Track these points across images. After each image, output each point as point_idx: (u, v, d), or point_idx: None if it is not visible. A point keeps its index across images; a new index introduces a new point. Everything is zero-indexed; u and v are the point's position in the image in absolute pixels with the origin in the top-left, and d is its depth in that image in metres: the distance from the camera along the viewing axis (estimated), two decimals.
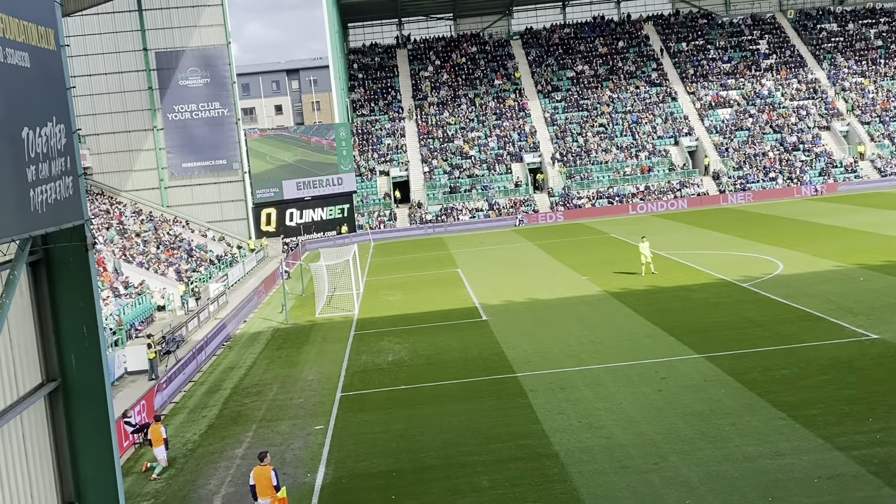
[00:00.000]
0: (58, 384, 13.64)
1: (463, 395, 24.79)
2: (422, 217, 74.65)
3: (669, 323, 30.98)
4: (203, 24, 64.40)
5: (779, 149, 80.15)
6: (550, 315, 34.49)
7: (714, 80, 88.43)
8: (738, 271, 40.07)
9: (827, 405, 20.82)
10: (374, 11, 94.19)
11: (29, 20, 11.41)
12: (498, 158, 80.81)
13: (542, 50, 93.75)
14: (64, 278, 13.54)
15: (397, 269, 52.66)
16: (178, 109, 64.96)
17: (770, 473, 17.26)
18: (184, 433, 23.90)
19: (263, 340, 35.66)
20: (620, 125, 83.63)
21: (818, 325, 28.83)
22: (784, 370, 24.03)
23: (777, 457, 18.03)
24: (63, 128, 12.20)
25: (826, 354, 25.15)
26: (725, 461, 18.07)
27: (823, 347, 25.98)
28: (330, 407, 24.83)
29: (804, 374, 23.54)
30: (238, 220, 66.86)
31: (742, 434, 19.49)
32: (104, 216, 56.49)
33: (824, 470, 17.14)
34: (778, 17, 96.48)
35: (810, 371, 23.70)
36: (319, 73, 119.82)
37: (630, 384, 24.10)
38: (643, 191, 76.19)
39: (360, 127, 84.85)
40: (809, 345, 26.43)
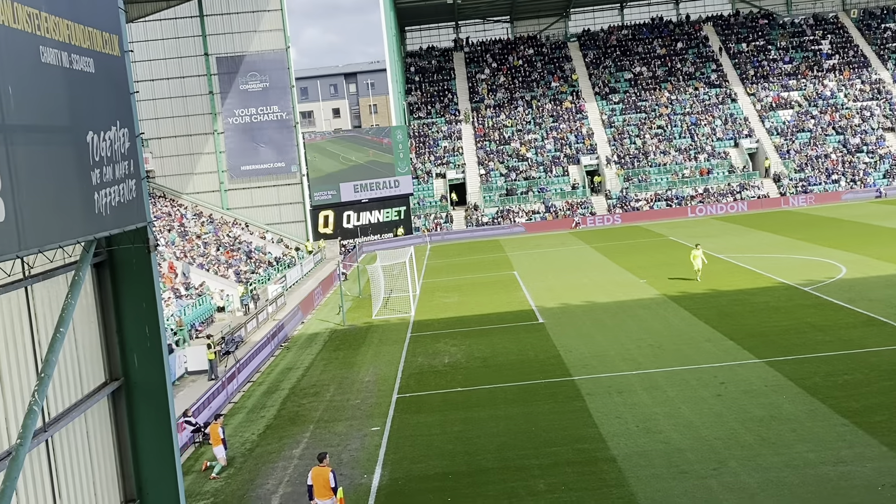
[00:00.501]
0: (120, 383, 13.91)
1: (519, 398, 24.73)
2: (478, 219, 74.65)
3: (729, 327, 30.57)
4: (263, 29, 65.20)
5: (841, 150, 78.60)
6: (608, 318, 34.25)
7: (775, 81, 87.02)
8: (800, 275, 39.39)
9: (891, 411, 20.36)
10: (431, 15, 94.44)
11: (94, 26, 11.65)
12: (555, 160, 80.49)
13: (599, 51, 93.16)
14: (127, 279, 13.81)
15: (453, 272, 52.72)
16: (237, 113, 65.86)
17: (832, 481, 16.94)
18: (242, 433, 24.20)
19: (321, 342, 35.96)
20: (679, 127, 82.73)
21: (882, 329, 28.22)
22: (847, 375, 23.56)
23: (839, 464, 17.69)
24: (127, 132, 12.44)
25: (890, 360, 24.60)
26: (786, 468, 17.77)
27: (887, 353, 25.41)
28: (386, 408, 24.95)
29: (867, 379, 23.05)
30: (296, 222, 67.53)
31: (803, 440, 19.15)
32: (166, 218, 57.48)
33: (888, 478, 16.77)
34: (841, 16, 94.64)
35: (874, 377, 23.21)
36: (377, 77, 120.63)
37: (689, 388, 23.83)
38: (702, 193, 75.28)
39: (417, 129, 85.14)
40: (873, 350, 25.88)
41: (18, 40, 9.51)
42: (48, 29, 10.22)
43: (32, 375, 11.92)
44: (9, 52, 9.23)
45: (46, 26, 10.18)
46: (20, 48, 9.55)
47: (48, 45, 10.19)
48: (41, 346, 12.19)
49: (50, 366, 10.85)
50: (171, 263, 46.59)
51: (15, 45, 9.41)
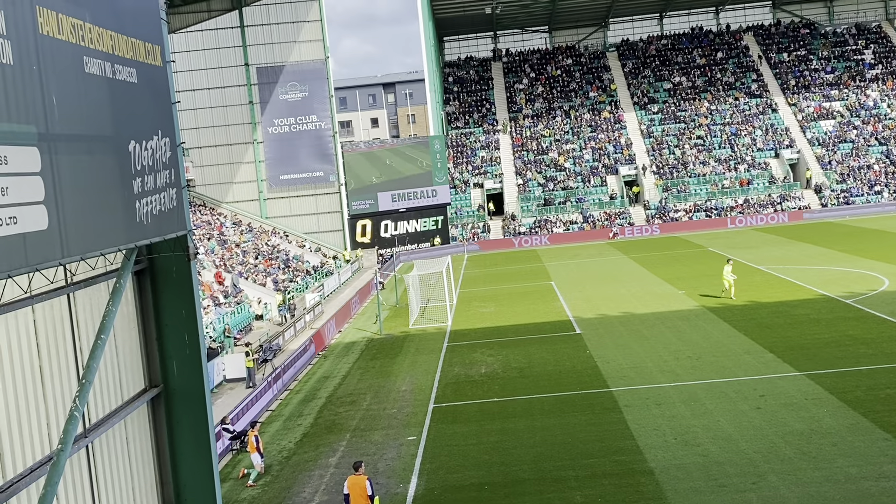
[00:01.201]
0: (160, 390, 14.06)
1: (556, 409, 24.63)
2: (515, 229, 74.54)
3: (769, 339, 30.22)
4: (302, 39, 65.72)
5: (884, 161, 77.49)
6: (646, 329, 34.01)
7: (816, 91, 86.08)
8: (841, 287, 38.86)
9: None
10: (470, 25, 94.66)
11: (137, 37, 11.82)
12: (593, 171, 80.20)
13: (638, 61, 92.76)
14: (167, 287, 13.96)
15: (490, 281, 52.66)
16: (277, 123, 66.38)
17: (873, 496, 16.66)
18: (279, 441, 24.33)
19: (357, 350, 36.07)
20: (718, 137, 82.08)
21: None
22: (889, 389, 23.18)
23: (881, 479, 17.39)
24: (168, 141, 12.59)
25: None
26: (827, 482, 17.51)
27: None
28: (423, 418, 24.96)
29: None
30: (334, 231, 67.87)
31: (844, 454, 18.86)
32: (205, 227, 58.03)
33: None
34: (884, 25, 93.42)
35: None
36: (415, 87, 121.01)
37: (728, 401, 23.58)
38: (742, 204, 74.57)
39: (455, 139, 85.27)
40: None
41: (63, 51, 9.67)
42: (92, 40, 10.39)
43: (74, 381, 12.08)
44: (54, 63, 9.40)
45: (90, 37, 10.35)
46: (65, 59, 9.71)
47: (92, 55, 10.36)
48: (82, 353, 12.35)
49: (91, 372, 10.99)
50: (219, 274, 47.00)
51: (60, 56, 9.58)
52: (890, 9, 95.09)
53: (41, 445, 11.26)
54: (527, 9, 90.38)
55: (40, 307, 11.47)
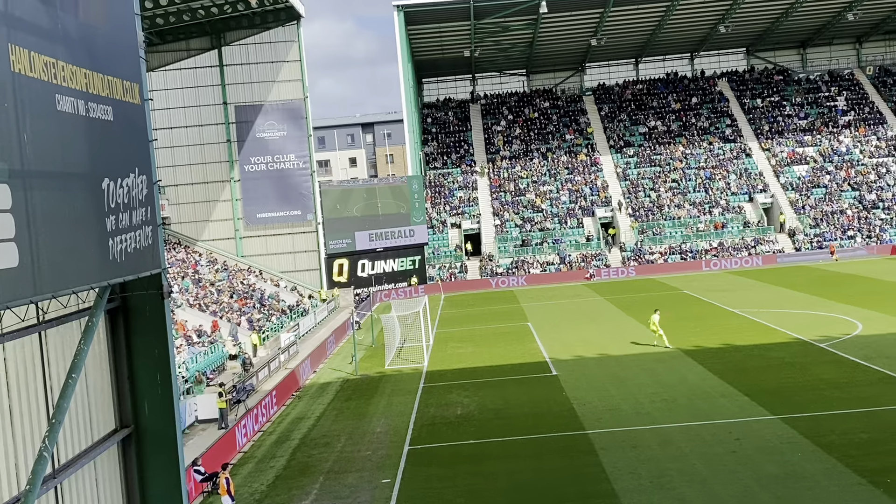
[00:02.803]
0: (131, 430, 13.85)
1: (532, 452, 24.48)
2: (493, 270, 74.63)
3: (744, 382, 30.27)
4: (281, 79, 65.93)
5: (857, 206, 78.46)
6: (622, 371, 34.00)
7: (790, 137, 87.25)
8: (816, 331, 39.08)
9: None
10: (449, 67, 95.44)
11: (114, 75, 11.81)
12: (570, 212, 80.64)
13: (614, 105, 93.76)
14: (140, 326, 13.83)
15: (467, 322, 52.58)
16: (254, 161, 66.31)
17: None
18: (251, 483, 24.01)
19: (332, 391, 35.79)
20: (693, 181, 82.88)
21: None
22: (863, 434, 23.24)
23: None
24: (145, 179, 12.54)
25: None
26: None
27: None
28: (397, 460, 24.73)
29: (884, 438, 22.73)
30: (311, 270, 67.59)
31: (820, 500, 18.84)
32: (180, 265, 57.70)
33: None
34: (856, 73, 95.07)
35: (891, 435, 22.88)
36: (393, 127, 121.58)
37: (703, 444, 23.54)
38: (716, 247, 75.13)
39: (433, 179, 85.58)
40: (890, 408, 25.55)
41: (34, 88, 9.64)
42: (65, 77, 10.36)
43: (43, 421, 11.89)
44: (24, 101, 9.36)
45: (63, 75, 10.32)
46: (36, 96, 9.68)
47: (65, 93, 10.33)
48: (53, 392, 12.17)
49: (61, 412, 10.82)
50: (215, 322, 46.67)
51: (30, 94, 9.55)
52: (862, 56, 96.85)
53: (9, 486, 11.05)
54: (505, 52, 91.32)
55: (11, 345, 11.31)
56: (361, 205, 71.21)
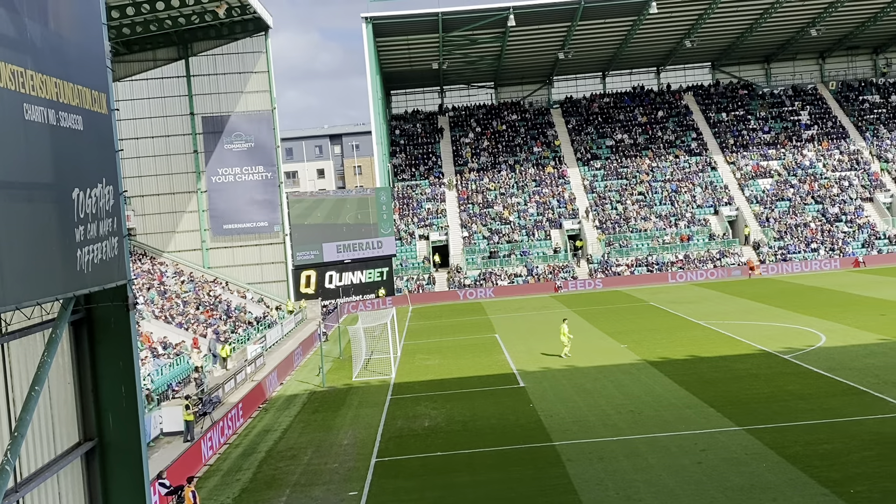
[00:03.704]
0: (95, 443, 13.70)
1: (499, 464, 24.50)
2: (461, 282, 74.70)
3: (710, 394, 30.52)
4: (249, 90, 65.71)
5: (820, 220, 79.48)
6: (589, 383, 34.14)
7: (754, 150, 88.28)
8: (780, 342, 39.50)
9: (872, 482, 20.28)
10: (417, 80, 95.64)
11: (83, 84, 11.73)
12: (537, 224, 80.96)
13: (581, 118, 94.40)
14: (105, 338, 13.68)
15: (435, 334, 52.56)
16: (221, 172, 65.97)
17: None
18: (217, 496, 23.80)
19: (299, 403, 35.60)
20: (659, 193, 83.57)
21: (861, 399, 28.25)
22: (827, 445, 23.50)
23: None
24: (111, 189, 12.46)
25: (870, 429, 24.58)
26: None
27: (867, 422, 25.41)
28: (365, 472, 24.64)
29: (848, 449, 23.00)
30: (278, 281, 67.29)
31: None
32: (146, 276, 57.21)
33: None
34: (820, 88, 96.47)
35: (854, 446, 23.16)
36: (361, 139, 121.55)
37: (669, 456, 23.69)
38: (682, 259, 75.75)
39: (401, 191, 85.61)
40: (853, 419, 25.87)
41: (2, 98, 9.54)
42: (34, 87, 10.27)
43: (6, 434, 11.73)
44: None
45: (32, 84, 10.23)
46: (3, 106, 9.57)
47: (33, 102, 10.23)
48: (15, 405, 12.02)
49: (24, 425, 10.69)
50: (195, 339, 46.22)
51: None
52: (825, 72, 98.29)
53: None
54: (473, 65, 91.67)
55: None
56: (329, 216, 71.03)
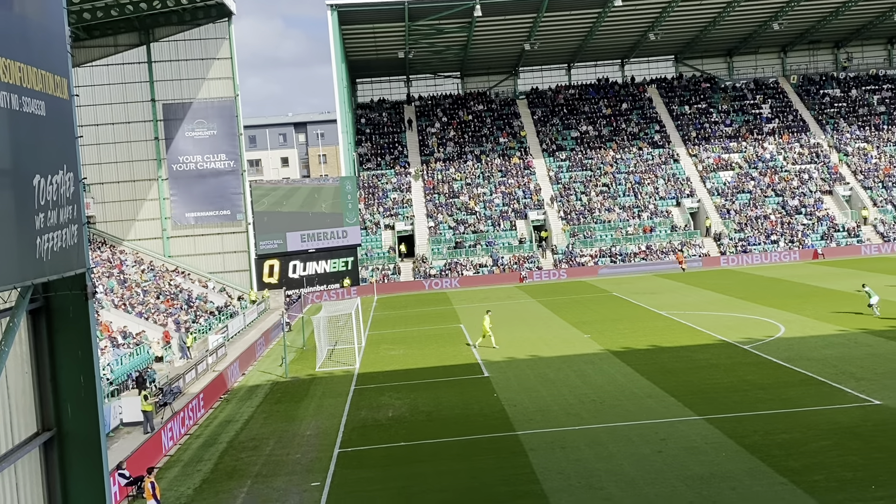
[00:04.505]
0: (53, 434, 13.53)
1: (463, 453, 24.55)
2: (426, 272, 74.69)
3: (671, 383, 30.79)
4: (211, 76, 65.09)
5: (780, 212, 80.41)
6: (552, 373, 34.30)
7: (716, 143, 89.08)
8: (740, 333, 39.94)
9: (829, 471, 20.58)
10: (383, 68, 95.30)
11: (45, 69, 11.54)
12: (503, 215, 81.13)
13: (547, 110, 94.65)
14: (63, 327, 13.50)
15: (400, 324, 52.52)
16: (183, 160, 65.35)
17: None
18: (177, 487, 23.62)
19: (262, 394, 35.42)
20: (623, 185, 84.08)
21: (820, 389, 28.65)
22: (785, 434, 23.81)
23: None
24: (72, 176, 12.29)
25: (828, 419, 24.94)
26: None
27: (826, 412, 25.78)
28: (327, 463, 24.57)
29: (806, 438, 23.32)
30: (240, 271, 66.85)
31: (743, 498, 19.25)
32: (105, 265, 56.56)
33: None
34: (781, 81, 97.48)
35: (812, 436, 23.49)
36: (326, 127, 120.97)
37: (630, 444, 23.88)
38: (645, 250, 76.31)
39: (367, 181, 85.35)
40: (811, 409, 26.23)
41: None
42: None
43: None
44: None
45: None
46: None
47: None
48: None
49: None
50: (167, 333, 45.76)
51: None
52: (786, 65, 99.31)
53: None
54: (439, 55, 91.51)
55: None
56: (293, 205, 70.63)
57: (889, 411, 25.35)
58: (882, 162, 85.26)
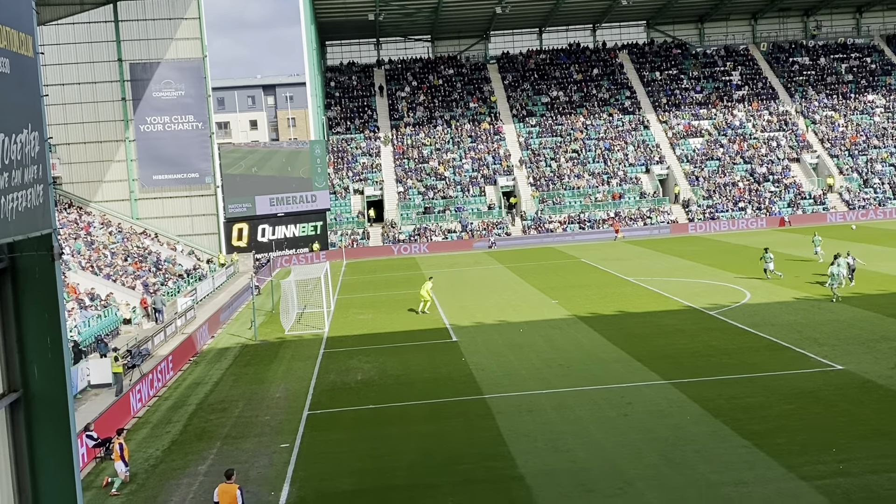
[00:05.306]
0: (19, 395, 13.46)
1: (431, 416, 24.74)
2: (395, 237, 74.64)
3: (637, 348, 31.12)
4: (179, 37, 64.17)
5: (748, 179, 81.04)
6: (520, 337, 34.53)
7: (686, 110, 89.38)
8: (706, 299, 40.37)
9: (791, 434, 20.97)
10: (353, 31, 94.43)
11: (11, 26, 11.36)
12: (472, 181, 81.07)
13: (517, 74, 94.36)
14: (29, 288, 13.38)
15: (369, 288, 52.56)
16: (150, 121, 64.56)
17: (733, 501, 17.35)
18: (146, 448, 23.63)
19: (231, 357, 35.39)
20: (593, 151, 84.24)
21: (784, 354, 29.09)
22: (749, 398, 24.19)
23: (741, 485, 18.12)
24: (37, 135, 12.13)
25: (791, 384, 25.36)
26: (689, 488, 18.14)
27: (789, 377, 26.20)
28: (296, 425, 24.67)
29: (769, 402, 23.71)
30: (209, 234, 66.40)
31: (706, 461, 19.58)
32: (72, 227, 55.98)
33: (787, 499, 17.25)
34: (751, 49, 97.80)
35: (775, 400, 23.88)
36: (296, 90, 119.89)
37: (597, 408, 24.16)
38: (613, 217, 76.67)
39: (336, 144, 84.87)
40: (775, 374, 26.65)
41: None
42: None
43: None
44: None
45: None
46: None
47: None
48: None
49: None
50: (143, 300, 45.35)
51: None
52: (757, 32, 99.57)
53: None
54: (410, 17, 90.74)
55: None
56: (262, 169, 70.15)
57: (850, 376, 25.82)
58: (849, 130, 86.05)
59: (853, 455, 19.31)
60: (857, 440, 20.30)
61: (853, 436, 20.60)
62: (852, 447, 19.82)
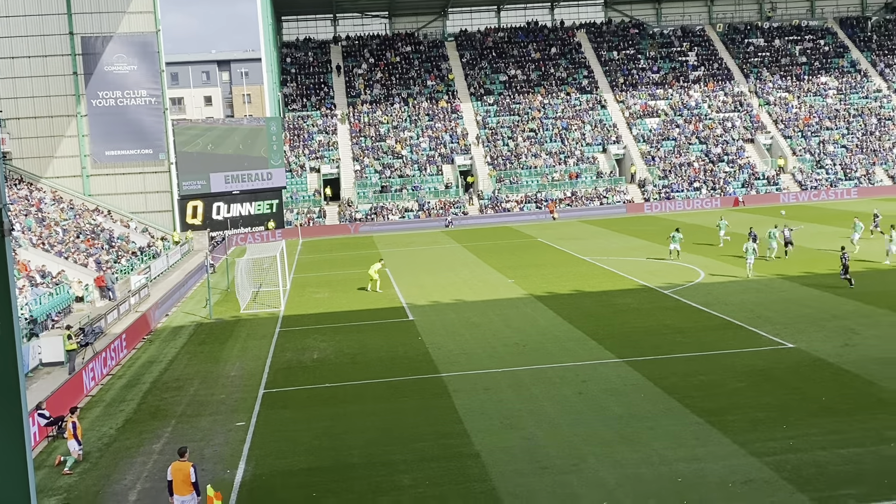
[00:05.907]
0: None
1: (387, 395, 24.77)
2: (352, 215, 74.34)
3: (592, 327, 31.38)
4: (132, 10, 63.07)
5: (704, 159, 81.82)
6: (476, 316, 34.64)
7: (643, 90, 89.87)
8: (661, 278, 40.78)
9: (743, 412, 21.31)
10: (309, 6, 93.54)
11: None
12: (429, 159, 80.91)
13: (475, 52, 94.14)
14: None
15: (325, 267, 52.35)
16: (102, 96, 63.48)
17: (686, 477, 17.60)
18: (100, 427, 23.39)
19: (186, 335, 35.10)
20: (550, 131, 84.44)
21: (737, 333, 29.51)
22: (702, 376, 24.53)
23: (693, 461, 18.39)
24: None
25: (744, 362, 25.75)
26: (643, 464, 18.37)
27: (741, 355, 26.60)
28: (252, 403, 24.57)
29: (722, 380, 24.06)
30: (163, 211, 65.59)
31: (659, 438, 19.83)
32: (22, 203, 54.99)
33: (739, 475, 17.54)
34: (707, 29, 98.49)
35: (728, 378, 24.24)
36: (251, 66, 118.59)
37: (552, 386, 24.35)
38: (570, 196, 77.02)
39: (292, 122, 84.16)
40: (728, 352, 27.03)
41: None
42: None
43: None
44: None
45: None
46: None
47: None
48: None
49: None
50: (100, 278, 44.55)
51: None
52: (713, 13, 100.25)
53: None
54: None
55: None
56: (217, 145, 69.31)
57: (801, 354, 26.28)
58: (802, 111, 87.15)
59: (803, 431, 19.68)
60: (807, 417, 20.69)
61: (804, 413, 21.00)
62: (802, 424, 20.20)
